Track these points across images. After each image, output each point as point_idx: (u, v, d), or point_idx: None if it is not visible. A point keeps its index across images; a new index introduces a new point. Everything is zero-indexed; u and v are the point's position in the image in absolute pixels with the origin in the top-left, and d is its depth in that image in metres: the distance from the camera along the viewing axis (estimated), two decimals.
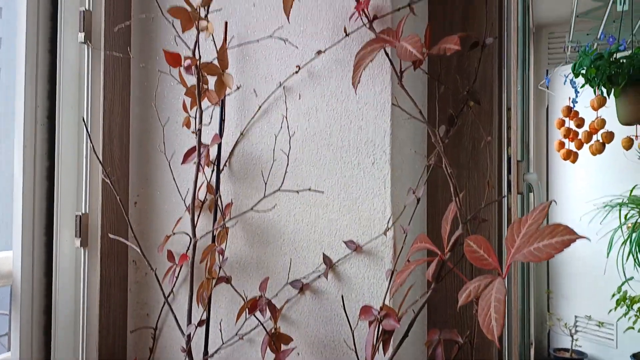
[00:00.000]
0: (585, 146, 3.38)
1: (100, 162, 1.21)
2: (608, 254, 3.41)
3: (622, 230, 3.33)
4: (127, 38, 1.29)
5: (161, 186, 1.29)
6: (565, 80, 3.05)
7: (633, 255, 3.11)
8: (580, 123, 3.42)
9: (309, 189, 1.12)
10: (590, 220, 3.71)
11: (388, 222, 1.06)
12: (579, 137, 3.43)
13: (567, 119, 3.53)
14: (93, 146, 1.22)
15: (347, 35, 1.07)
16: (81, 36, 1.23)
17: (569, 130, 3.51)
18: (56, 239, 1.22)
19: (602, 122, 3.16)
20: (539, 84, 4.11)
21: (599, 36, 2.73)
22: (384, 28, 0.95)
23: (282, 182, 1.14)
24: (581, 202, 3.92)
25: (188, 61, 1.05)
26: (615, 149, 3.22)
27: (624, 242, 3.23)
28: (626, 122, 2.65)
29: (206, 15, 1.07)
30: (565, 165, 3.88)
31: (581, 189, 4.03)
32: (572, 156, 3.53)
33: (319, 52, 1.10)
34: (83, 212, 1.24)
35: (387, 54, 1.02)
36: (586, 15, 3.30)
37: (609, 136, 3.16)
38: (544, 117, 4.81)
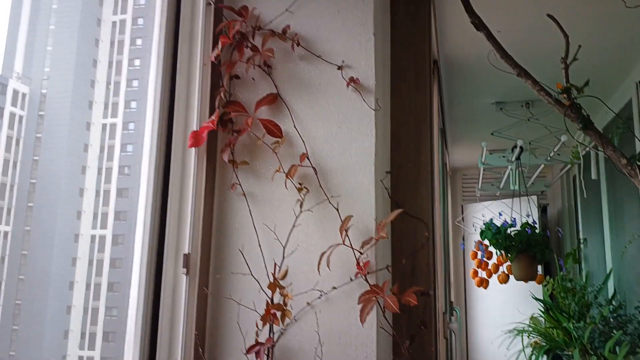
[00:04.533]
0: (494, 276, 3.97)
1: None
2: None
3: (524, 353, 3.81)
4: None
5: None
6: (479, 246, 3.78)
7: None
8: (489, 256, 4.03)
9: None
10: (499, 345, 4.18)
11: None
12: (489, 267, 4.03)
13: (479, 252, 4.15)
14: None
15: (351, 280, 1.52)
16: (183, 270, 1.58)
17: (480, 261, 4.12)
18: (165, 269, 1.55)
19: (506, 258, 3.79)
20: (456, 220, 4.79)
21: (498, 216, 3.55)
22: (374, 284, 1.45)
23: None
24: (492, 327, 4.42)
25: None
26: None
27: None
28: (519, 279, 3.55)
29: None
30: (479, 291, 4.43)
31: (493, 314, 4.57)
32: (484, 283, 4.10)
33: (334, 288, 1.53)
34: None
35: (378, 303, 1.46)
36: (490, 170, 4.09)
37: (510, 269, 3.78)
38: (460, 246, 5.47)
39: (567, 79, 1.71)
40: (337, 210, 1.55)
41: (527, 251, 3.22)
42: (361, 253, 1.49)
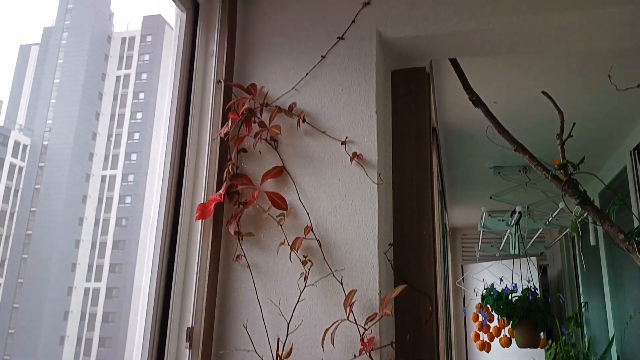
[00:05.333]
0: (496, 339, 3.91)
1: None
2: None
3: None
4: None
5: None
6: (479, 309, 3.77)
7: None
8: (491, 318, 3.99)
9: None
10: None
11: None
12: (490, 330, 3.97)
13: (480, 314, 4.10)
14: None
15: (355, 357, 1.51)
16: (186, 344, 1.59)
17: (481, 323, 4.06)
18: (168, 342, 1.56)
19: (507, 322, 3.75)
20: (457, 282, 4.76)
21: (499, 282, 3.55)
22: None
23: None
24: None
25: None
26: None
27: None
28: (521, 347, 3.49)
29: None
30: (482, 355, 4.35)
31: None
32: (486, 347, 4.03)
33: None
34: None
35: None
36: (489, 229, 4.12)
37: (512, 333, 3.73)
38: (461, 305, 5.41)
39: (563, 155, 1.78)
40: (341, 284, 1.57)
41: (529, 318, 3.20)
42: (365, 329, 1.50)
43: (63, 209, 50.41)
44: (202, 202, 1.69)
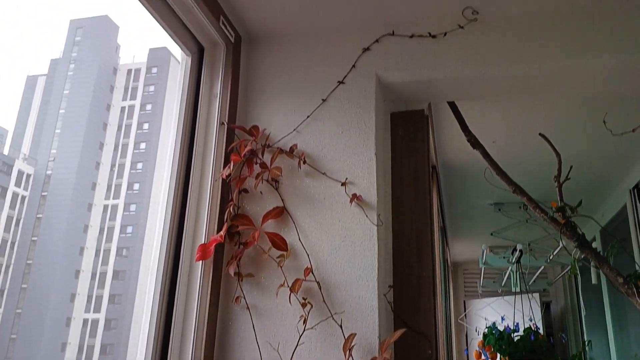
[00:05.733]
0: None
1: None
2: None
3: None
4: None
5: None
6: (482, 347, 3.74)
7: None
8: (494, 357, 3.93)
9: None
10: None
11: None
12: None
13: (482, 352, 4.05)
14: None
15: None
16: None
17: None
18: None
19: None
20: (459, 318, 4.72)
21: (501, 321, 3.54)
22: None
23: None
24: None
25: None
26: None
27: None
28: None
29: None
30: None
31: None
32: None
33: None
34: None
35: None
36: (491, 266, 4.11)
37: None
38: (464, 342, 5.34)
39: (561, 198, 1.79)
40: (341, 327, 1.57)
41: (532, 358, 3.16)
42: None
43: (64, 239, 50.26)
44: (203, 242, 1.70)
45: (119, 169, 55.35)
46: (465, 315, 5.04)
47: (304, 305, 1.61)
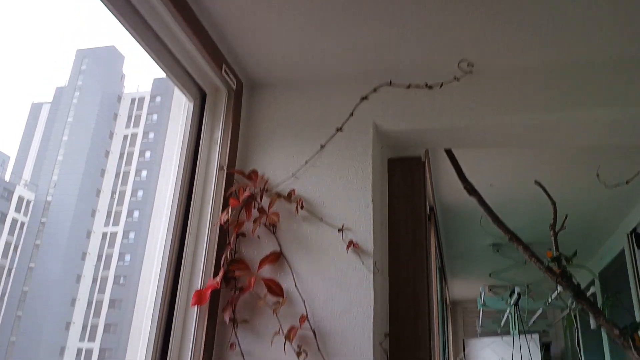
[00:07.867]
0: None
1: None
2: None
3: None
4: None
5: None
6: None
7: None
8: None
9: None
10: None
11: None
12: None
13: None
14: None
15: None
16: None
17: None
18: None
19: None
20: (458, 358, 4.66)
21: None
22: None
23: None
24: None
25: None
26: None
27: None
28: None
29: None
30: None
31: None
32: None
33: None
34: None
35: None
36: (489, 308, 4.08)
37: None
38: None
39: (557, 247, 1.81)
40: None
41: None
42: None
43: (61, 266, 49.87)
44: (199, 286, 1.71)
45: (119, 196, 55.35)
46: (465, 355, 4.98)
47: (298, 354, 1.60)
